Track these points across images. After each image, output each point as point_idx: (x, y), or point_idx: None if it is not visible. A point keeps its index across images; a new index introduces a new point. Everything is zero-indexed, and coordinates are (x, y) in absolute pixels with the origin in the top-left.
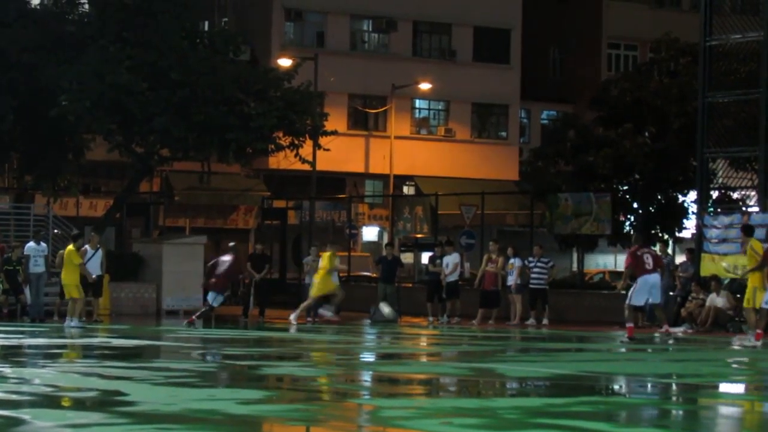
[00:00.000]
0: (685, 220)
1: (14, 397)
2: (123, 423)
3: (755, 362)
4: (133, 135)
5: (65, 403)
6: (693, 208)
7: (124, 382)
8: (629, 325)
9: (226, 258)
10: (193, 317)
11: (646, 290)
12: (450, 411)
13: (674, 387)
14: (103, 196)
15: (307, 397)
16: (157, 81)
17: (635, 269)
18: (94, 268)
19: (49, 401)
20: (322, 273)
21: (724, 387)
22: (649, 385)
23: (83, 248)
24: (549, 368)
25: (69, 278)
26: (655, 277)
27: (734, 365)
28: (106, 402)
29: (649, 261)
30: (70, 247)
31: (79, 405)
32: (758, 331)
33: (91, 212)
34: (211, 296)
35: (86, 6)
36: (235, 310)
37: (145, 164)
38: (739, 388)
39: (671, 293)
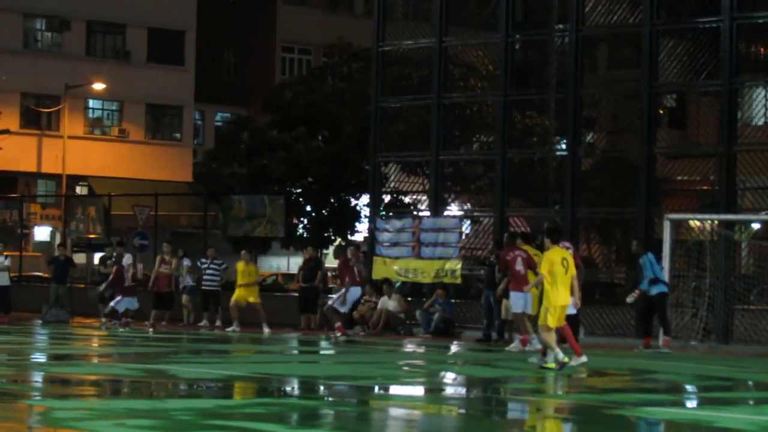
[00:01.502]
0: (357, 224)
1: None
2: None
3: (427, 365)
4: None
5: None
6: (365, 211)
7: None
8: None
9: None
10: None
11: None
12: (123, 412)
13: (346, 389)
14: None
15: None
16: None
17: None
18: None
19: None
20: None
21: (396, 389)
22: (321, 387)
23: None
24: (222, 370)
25: None
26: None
27: (405, 368)
28: None
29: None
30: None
31: None
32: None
33: None
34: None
35: None
36: None
37: None
38: (410, 390)
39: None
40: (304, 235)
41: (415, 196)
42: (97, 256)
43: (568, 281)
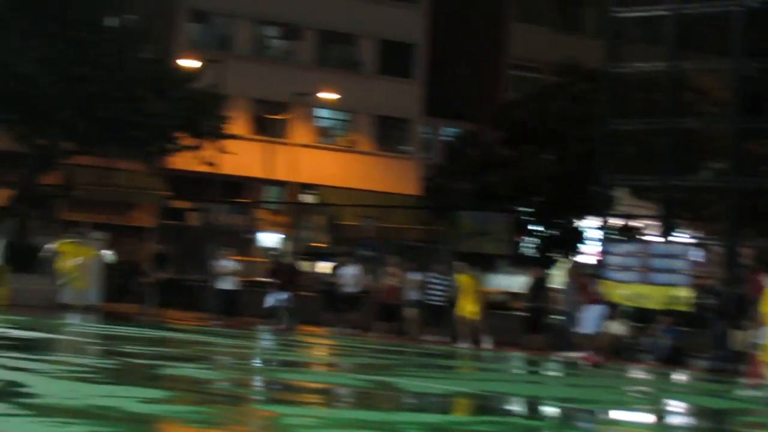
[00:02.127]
0: (582, 245)
1: None
2: (24, 414)
3: (654, 392)
4: (35, 127)
5: None
6: (591, 233)
7: (24, 373)
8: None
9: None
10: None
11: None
12: (352, 423)
13: (572, 412)
14: (4, 187)
15: (207, 400)
16: (61, 74)
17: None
18: None
19: None
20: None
21: (622, 415)
22: (547, 408)
23: None
24: (447, 385)
25: None
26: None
27: (632, 393)
28: (7, 393)
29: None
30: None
31: None
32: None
33: None
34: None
35: None
36: (133, 308)
37: (47, 157)
38: (635, 417)
39: None
40: (530, 255)
41: (643, 221)
42: (322, 265)
43: None
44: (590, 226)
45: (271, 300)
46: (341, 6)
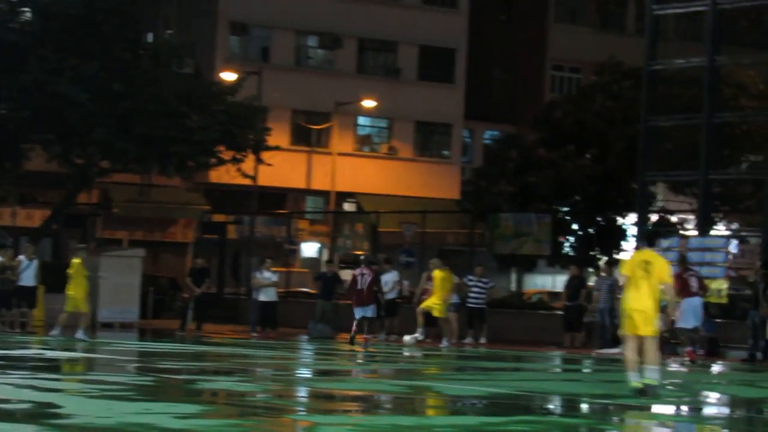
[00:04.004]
0: (623, 242)
1: None
2: None
3: (693, 383)
4: (72, 146)
5: None
6: (632, 230)
7: (58, 394)
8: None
9: (366, 271)
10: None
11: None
12: (387, 428)
13: (608, 407)
14: (41, 207)
15: (244, 413)
16: (98, 92)
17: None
18: (29, 278)
19: None
20: None
21: (657, 408)
22: (583, 405)
23: (18, 258)
24: (486, 387)
25: (78, 291)
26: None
27: (668, 387)
28: (40, 414)
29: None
30: (78, 259)
31: (11, 417)
32: None
33: (28, 222)
34: (358, 312)
35: (28, 14)
36: (173, 324)
37: (84, 176)
38: (671, 409)
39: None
40: (570, 254)
41: (682, 215)
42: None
43: None
44: (630, 223)
45: (360, 312)
46: (380, 13)
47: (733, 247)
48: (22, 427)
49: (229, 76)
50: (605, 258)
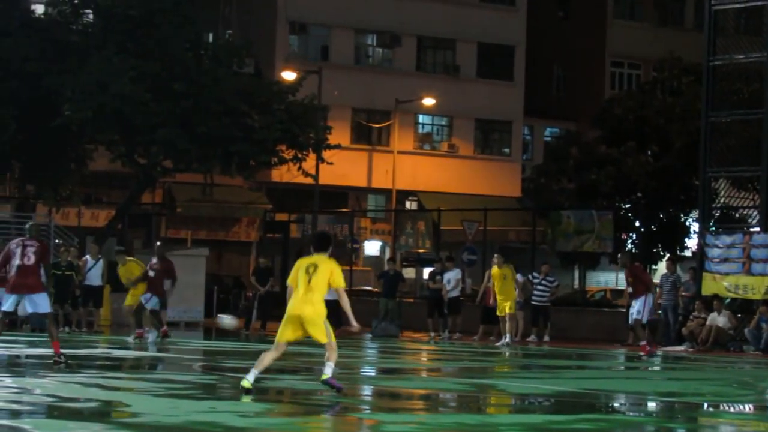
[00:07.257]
0: (686, 239)
1: (14, 406)
2: None
3: (757, 381)
4: (135, 146)
5: (66, 414)
6: (694, 227)
7: (125, 393)
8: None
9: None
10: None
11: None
12: (452, 427)
13: (675, 405)
14: (105, 207)
15: (308, 411)
16: (160, 92)
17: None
18: (95, 278)
19: (49, 411)
20: None
21: (725, 407)
22: (649, 403)
23: (84, 258)
24: (550, 385)
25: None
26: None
27: (735, 385)
28: (107, 413)
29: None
30: (134, 264)
31: (79, 416)
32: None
33: (93, 222)
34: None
35: (90, 16)
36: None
37: (148, 175)
38: (740, 408)
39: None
40: (633, 251)
41: (745, 212)
42: (426, 271)
43: None
44: (693, 219)
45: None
46: (439, 11)
47: None
48: (90, 425)
49: (289, 76)
50: (668, 255)
